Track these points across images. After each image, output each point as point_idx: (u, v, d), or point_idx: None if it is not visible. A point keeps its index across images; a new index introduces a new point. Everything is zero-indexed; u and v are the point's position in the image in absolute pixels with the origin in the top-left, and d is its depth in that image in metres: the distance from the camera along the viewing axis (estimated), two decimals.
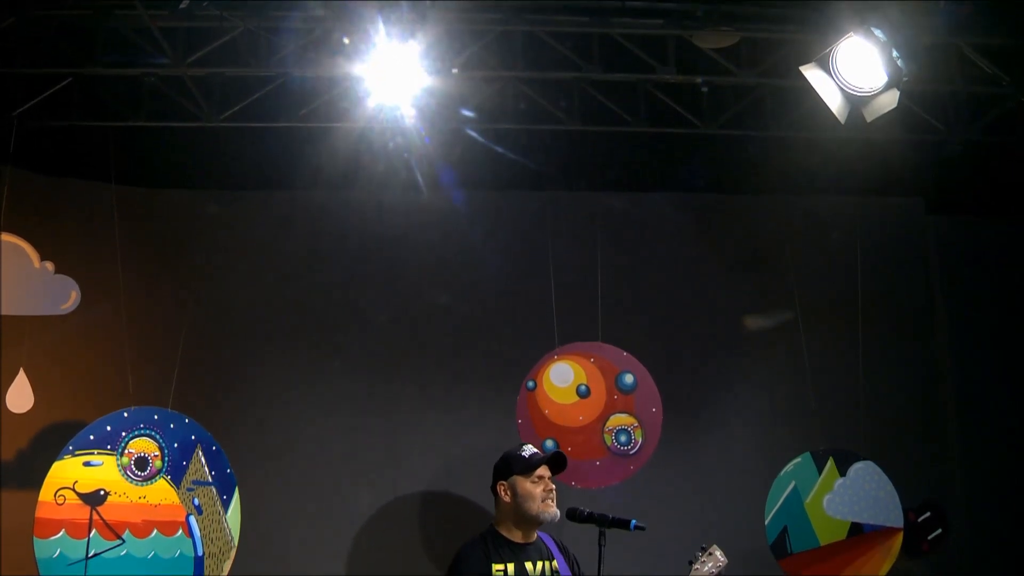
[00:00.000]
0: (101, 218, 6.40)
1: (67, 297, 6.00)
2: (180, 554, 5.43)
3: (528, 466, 3.66)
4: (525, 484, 3.64)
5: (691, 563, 3.80)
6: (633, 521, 3.48)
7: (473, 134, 6.57)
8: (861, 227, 7.21)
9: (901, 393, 7.53)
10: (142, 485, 5.41)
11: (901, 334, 7.61)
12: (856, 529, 6.27)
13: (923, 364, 7.72)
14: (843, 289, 7.09)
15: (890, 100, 5.36)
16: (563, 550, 3.79)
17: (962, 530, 7.43)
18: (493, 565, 3.54)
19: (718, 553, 3.85)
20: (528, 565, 3.62)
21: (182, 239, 6.94)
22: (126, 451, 5.38)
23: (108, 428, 5.37)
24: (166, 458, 5.49)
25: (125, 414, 5.44)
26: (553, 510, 3.64)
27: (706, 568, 3.79)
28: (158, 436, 5.49)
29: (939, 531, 7.01)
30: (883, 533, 6.27)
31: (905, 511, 6.39)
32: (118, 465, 5.35)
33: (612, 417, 6.18)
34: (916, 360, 7.68)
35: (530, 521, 3.63)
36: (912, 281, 7.75)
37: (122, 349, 6.15)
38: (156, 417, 5.53)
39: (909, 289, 7.73)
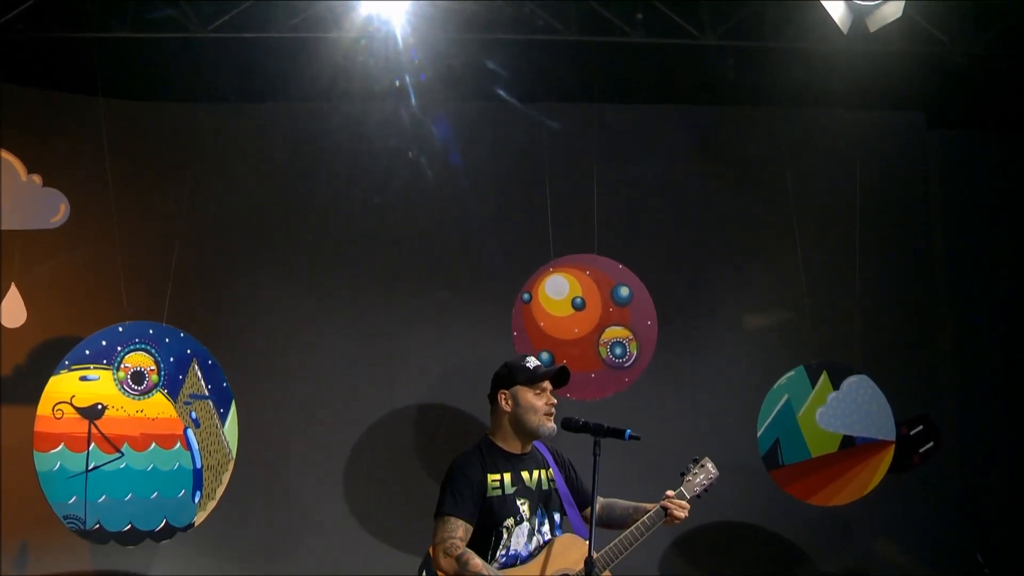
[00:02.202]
0: (88, 131, 6.28)
1: (56, 210, 5.95)
2: (179, 466, 5.48)
3: (532, 377, 3.64)
4: (527, 395, 3.63)
5: (683, 475, 3.85)
6: (628, 431, 3.48)
7: (466, 45, 6.44)
8: (860, 141, 7.12)
9: (897, 307, 7.55)
10: (139, 399, 5.42)
11: (899, 249, 7.61)
12: (848, 442, 6.33)
13: (920, 279, 7.72)
14: (841, 203, 7.04)
15: (894, 10, 5.26)
16: (557, 457, 3.81)
17: (953, 444, 7.53)
18: (489, 475, 3.56)
19: (709, 465, 3.89)
20: (524, 474, 3.64)
21: (173, 152, 6.82)
22: (122, 365, 5.39)
23: (103, 343, 5.36)
24: (162, 372, 5.50)
25: (120, 328, 5.43)
26: (552, 425, 3.65)
27: (698, 480, 3.83)
28: (153, 350, 5.49)
29: (931, 444, 7.09)
30: (875, 446, 6.34)
31: (898, 424, 6.45)
32: (114, 379, 5.36)
33: (607, 330, 6.19)
34: (913, 275, 7.69)
35: (528, 433, 3.64)
36: (911, 196, 7.71)
37: (115, 263, 6.10)
38: (151, 331, 5.52)
39: (908, 204, 7.69)
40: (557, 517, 3.71)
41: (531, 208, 6.81)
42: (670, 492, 3.74)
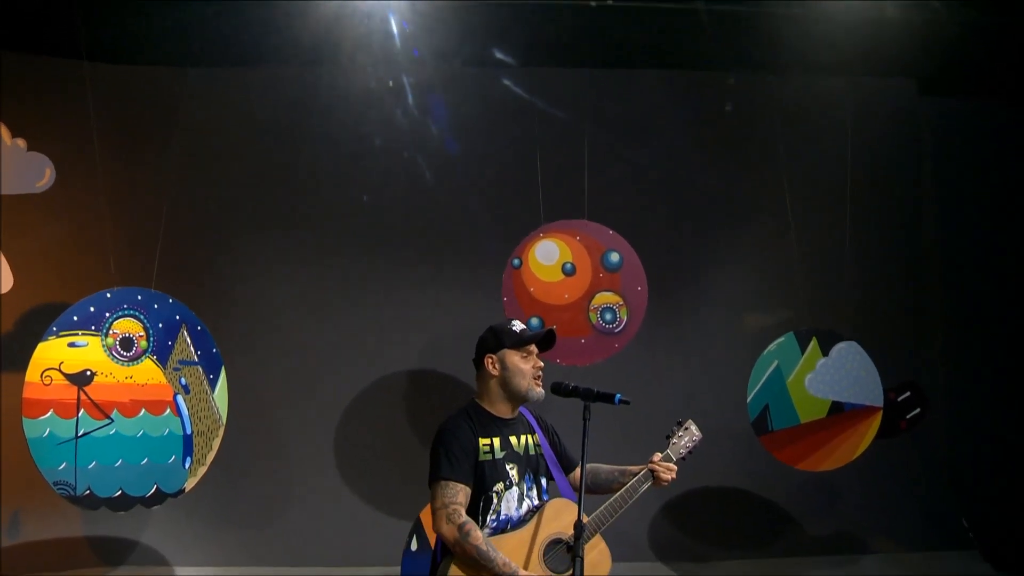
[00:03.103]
0: (73, 95, 6.17)
1: (42, 175, 5.89)
2: (169, 432, 5.46)
3: (520, 341, 3.64)
4: (515, 359, 3.63)
5: (668, 437, 3.87)
6: (618, 395, 3.50)
7: (457, 10, 6.36)
8: (852, 107, 7.10)
9: (887, 274, 7.57)
10: (128, 365, 5.39)
11: (890, 216, 7.61)
12: (836, 408, 6.35)
13: (910, 245, 7.74)
14: (832, 170, 7.02)
15: None
16: (541, 423, 3.82)
17: (940, 410, 7.57)
18: (480, 439, 3.57)
19: (693, 428, 3.92)
20: (513, 439, 3.65)
21: (160, 116, 6.74)
22: (111, 332, 5.34)
23: (91, 309, 5.31)
24: (151, 338, 5.47)
25: (108, 295, 5.38)
26: (540, 390, 3.66)
27: (683, 442, 3.88)
28: (142, 316, 5.45)
29: (918, 411, 7.12)
30: (863, 412, 6.36)
31: (885, 391, 6.47)
32: (103, 346, 5.32)
33: (597, 295, 6.17)
34: (903, 242, 7.70)
35: (517, 397, 3.65)
36: (902, 163, 7.70)
37: (102, 229, 6.05)
38: (139, 297, 5.47)
39: (899, 171, 7.68)
40: (544, 482, 3.73)
41: (521, 173, 6.77)
42: (657, 455, 3.77)
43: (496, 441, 3.59)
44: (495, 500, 3.54)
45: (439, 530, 3.42)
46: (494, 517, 3.54)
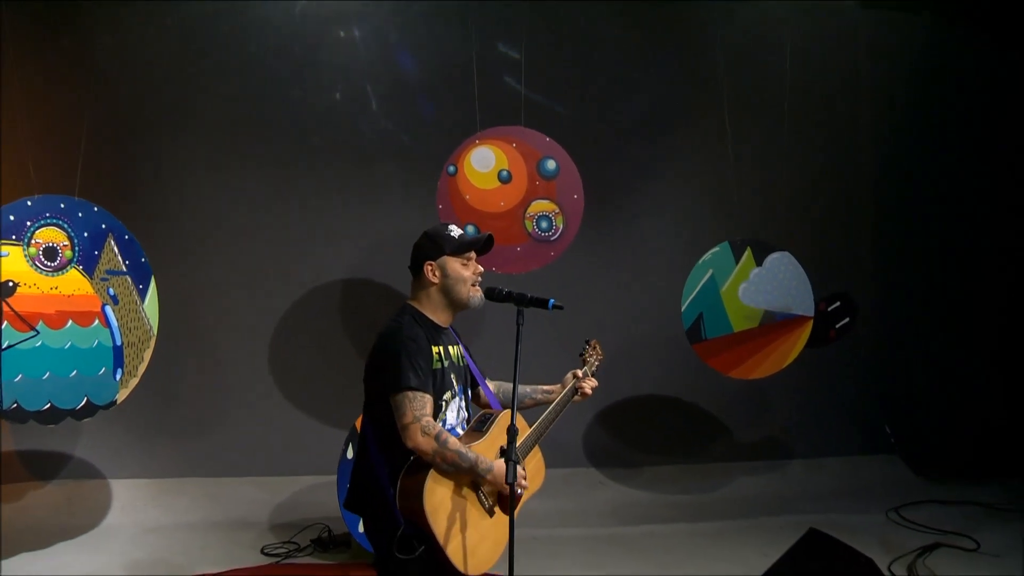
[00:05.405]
0: None
1: None
2: (98, 344, 5.34)
3: (460, 247, 3.56)
4: (455, 265, 3.54)
5: (581, 355, 4.00)
6: (551, 300, 3.48)
7: None
8: (792, 18, 7.07)
9: (822, 186, 7.65)
10: (53, 276, 5.23)
11: (827, 131, 7.66)
12: (769, 317, 6.46)
13: (845, 159, 7.81)
14: (771, 83, 7.00)
15: None
16: (458, 334, 3.80)
17: (868, 321, 7.76)
18: (432, 347, 3.47)
19: (599, 348, 4.08)
20: (451, 348, 3.61)
21: (81, 19, 6.43)
22: (33, 241, 5.16)
23: (11, 218, 5.10)
24: (76, 247, 5.30)
25: (28, 203, 5.17)
26: (481, 295, 3.58)
27: (592, 360, 4.02)
28: (66, 225, 5.27)
29: (846, 320, 7.28)
30: (794, 321, 6.47)
31: (816, 301, 6.59)
32: (25, 255, 5.14)
33: (533, 203, 6.12)
34: (838, 154, 7.77)
35: (457, 304, 3.56)
36: (840, 75, 7.72)
37: (18, 132, 5.78)
38: (63, 206, 5.28)
39: (838, 86, 7.71)
40: (469, 392, 3.73)
41: (457, 79, 6.63)
42: (579, 372, 3.88)
43: (441, 350, 3.54)
44: (443, 408, 3.48)
45: (416, 445, 3.25)
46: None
